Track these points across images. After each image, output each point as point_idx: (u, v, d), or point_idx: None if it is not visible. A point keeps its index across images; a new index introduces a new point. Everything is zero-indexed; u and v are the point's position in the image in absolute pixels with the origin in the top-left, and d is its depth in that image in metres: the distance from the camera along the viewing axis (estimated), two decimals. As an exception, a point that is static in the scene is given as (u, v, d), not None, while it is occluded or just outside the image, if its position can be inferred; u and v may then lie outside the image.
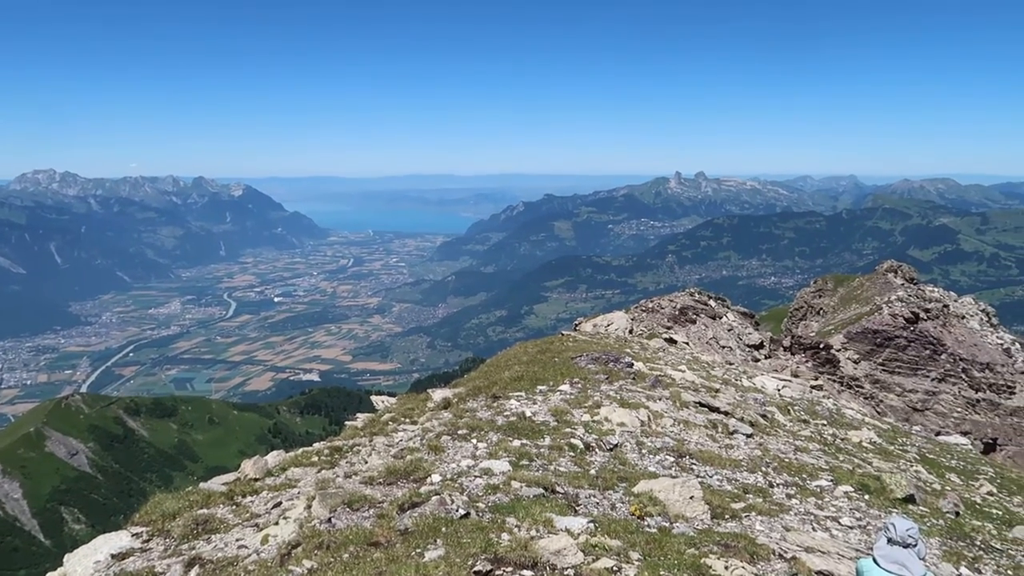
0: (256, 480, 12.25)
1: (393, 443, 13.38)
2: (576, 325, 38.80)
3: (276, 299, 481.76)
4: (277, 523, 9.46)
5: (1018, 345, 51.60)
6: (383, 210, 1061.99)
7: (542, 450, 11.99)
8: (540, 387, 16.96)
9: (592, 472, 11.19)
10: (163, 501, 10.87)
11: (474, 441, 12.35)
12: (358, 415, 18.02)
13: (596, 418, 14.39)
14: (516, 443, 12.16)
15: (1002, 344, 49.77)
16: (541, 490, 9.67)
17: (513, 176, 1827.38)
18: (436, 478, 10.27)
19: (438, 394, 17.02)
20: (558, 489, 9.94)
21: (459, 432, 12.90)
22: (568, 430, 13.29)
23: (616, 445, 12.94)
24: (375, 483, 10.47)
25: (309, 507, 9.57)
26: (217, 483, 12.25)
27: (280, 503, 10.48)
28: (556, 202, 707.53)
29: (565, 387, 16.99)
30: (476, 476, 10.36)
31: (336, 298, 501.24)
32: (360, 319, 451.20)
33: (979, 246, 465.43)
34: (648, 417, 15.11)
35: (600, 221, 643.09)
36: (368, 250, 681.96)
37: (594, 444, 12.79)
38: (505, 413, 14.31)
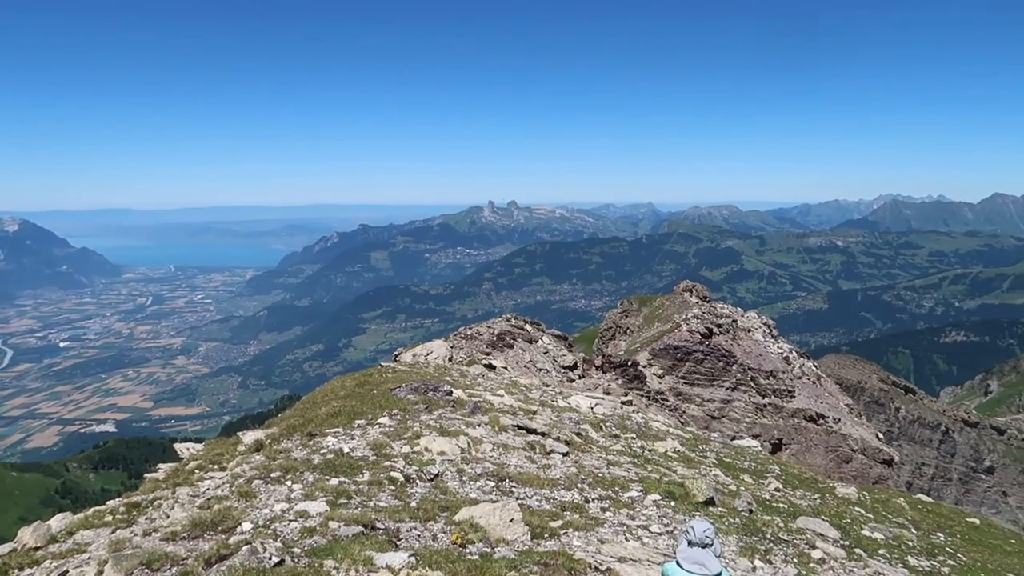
0: (37, 549, 10.90)
1: (199, 493, 12.46)
2: (396, 356, 38.39)
3: (62, 344, 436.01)
4: (61, 595, 8.46)
5: (794, 353, 57.68)
6: (185, 244, 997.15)
7: (361, 486, 11.67)
8: (359, 421, 16.56)
9: (413, 504, 11.05)
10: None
11: (289, 483, 11.79)
12: (160, 466, 16.62)
13: (416, 449, 14.26)
14: (334, 481, 11.76)
15: (782, 353, 55.32)
16: (360, 528, 9.40)
17: (327, 207, 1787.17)
18: (247, 526, 9.67)
19: (249, 436, 16.10)
20: (378, 525, 9.71)
21: (272, 475, 12.26)
22: (388, 463, 13.05)
23: (437, 475, 12.88)
24: (178, 538, 9.68)
25: (101, 572, 8.65)
26: (-14, 558, 10.75)
27: (67, 572, 9.39)
28: (372, 232, 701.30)
29: (384, 419, 16.71)
30: (291, 520, 9.88)
31: (134, 340, 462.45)
32: (162, 361, 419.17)
33: (759, 266, 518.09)
34: (468, 444, 15.20)
35: (417, 250, 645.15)
36: (169, 287, 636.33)
37: (415, 475, 12.65)
38: (322, 451, 13.81)
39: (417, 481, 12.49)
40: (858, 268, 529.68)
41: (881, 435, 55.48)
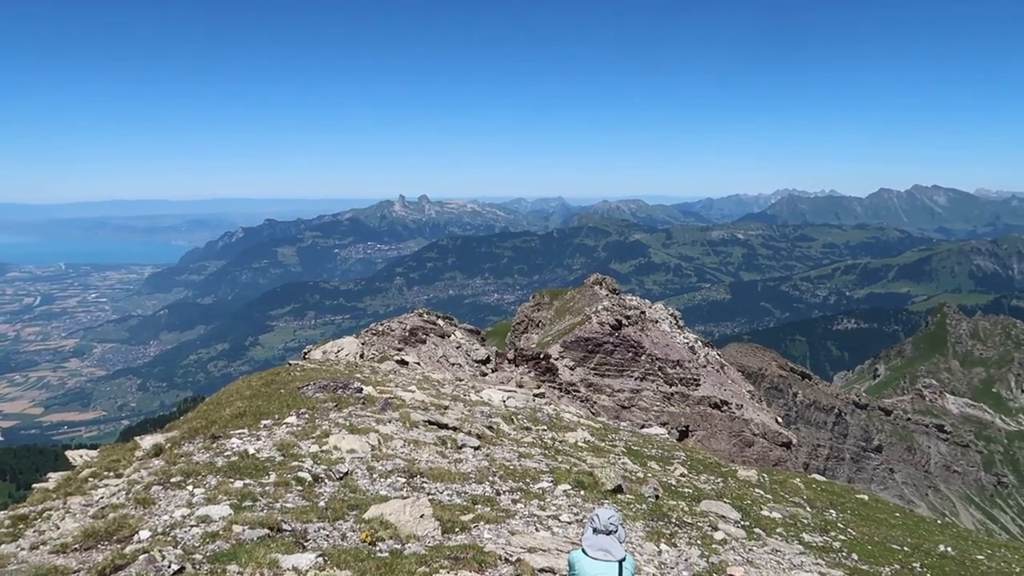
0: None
1: (93, 502, 11.86)
2: (305, 353, 37.56)
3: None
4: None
5: (699, 343, 59.71)
6: (78, 240, 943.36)
7: (267, 488, 11.38)
8: (265, 421, 16.13)
9: (321, 504, 10.86)
10: None
11: (190, 487, 11.38)
12: (50, 475, 15.71)
13: (325, 448, 14.01)
14: (238, 484, 11.42)
15: (688, 343, 57.16)
16: (266, 530, 9.17)
17: (230, 201, 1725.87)
18: (145, 534, 9.28)
19: (148, 440, 15.43)
20: (284, 527, 9.50)
21: (172, 480, 11.80)
22: (295, 463, 12.77)
23: (346, 473, 12.70)
24: (69, 550, 9.20)
25: (-18, 592, 8.14)
26: None
27: (-58, 594, 8.77)
28: (279, 227, 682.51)
29: (292, 419, 16.34)
30: (192, 525, 9.54)
31: (20, 342, 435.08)
32: (53, 364, 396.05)
33: (666, 258, 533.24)
34: (379, 441, 15.05)
35: (326, 246, 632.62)
36: (60, 286, 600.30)
37: (323, 475, 12.43)
38: (226, 453, 13.38)
39: (326, 480, 12.28)
40: (758, 260, 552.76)
41: (780, 419, 58.14)
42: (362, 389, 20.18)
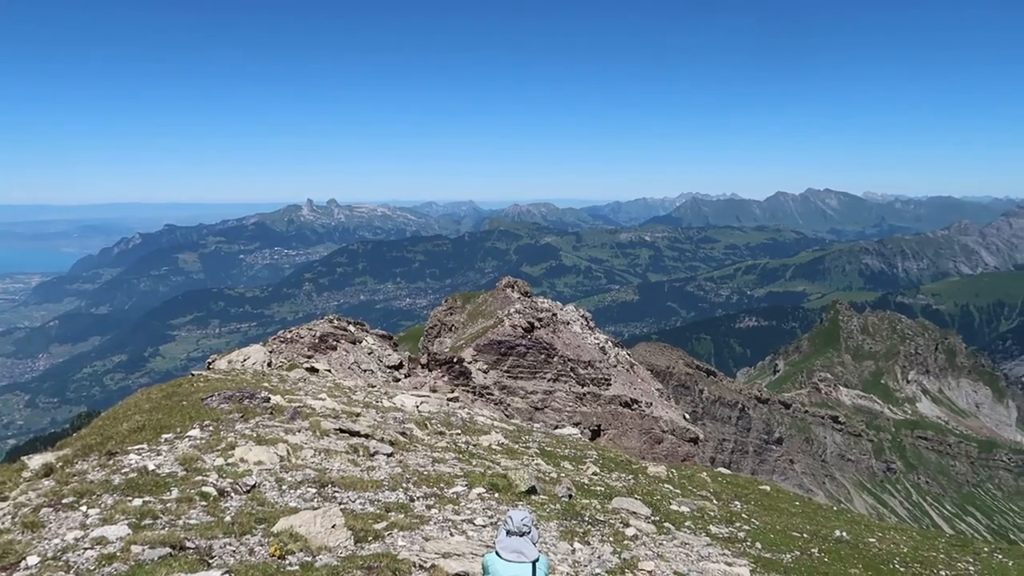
0: None
1: (-26, 528, 11.07)
2: (209, 363, 36.22)
3: None
4: None
5: (610, 343, 60.89)
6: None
7: (169, 505, 10.91)
8: (166, 435, 15.45)
9: (227, 519, 10.48)
10: None
11: (84, 508, 10.77)
12: (-76, 502, 14.59)
13: (231, 460, 13.54)
14: (137, 502, 10.89)
15: (599, 343, 58.20)
16: (168, 549, 8.78)
17: (126, 205, 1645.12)
18: (33, 560, 8.73)
19: (37, 460, 14.52)
20: (188, 544, 9.13)
21: (64, 501, 11.14)
22: (199, 478, 12.28)
23: (254, 486, 12.31)
24: (-53, 582, 8.56)
25: None
26: None
27: None
28: (179, 233, 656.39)
29: (195, 432, 15.71)
30: (86, 548, 9.04)
31: None
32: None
33: (576, 261, 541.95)
34: (288, 451, 14.66)
35: (231, 251, 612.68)
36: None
37: (229, 488, 12.01)
38: (123, 470, 12.74)
39: (232, 494, 11.86)
40: (664, 261, 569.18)
41: (688, 416, 59.96)
42: (270, 399, 19.63)
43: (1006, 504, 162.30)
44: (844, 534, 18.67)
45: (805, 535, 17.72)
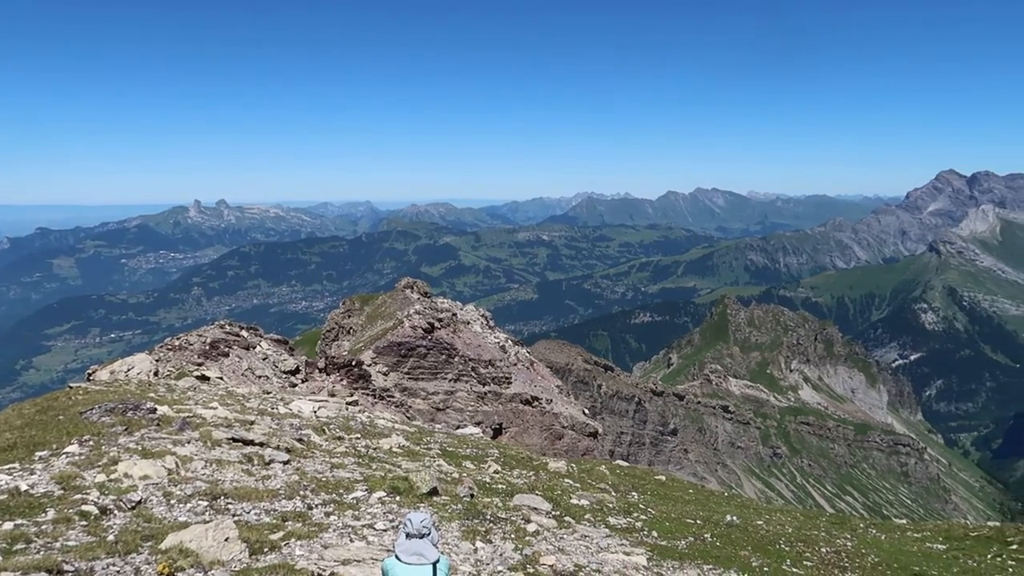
0: None
1: None
2: (90, 374, 34.13)
3: None
4: None
5: (510, 342, 61.39)
6: None
7: (44, 527, 10.22)
8: (40, 453, 14.46)
9: (110, 538, 9.93)
10: None
11: (-54, 536, 9.96)
12: None
13: (113, 476, 12.82)
14: (8, 526, 10.15)
15: (499, 342, 58.58)
16: (44, 574, 8.24)
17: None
18: None
19: None
20: (67, 567, 8.59)
21: (-78, 530, 10.27)
22: (79, 496, 11.57)
23: (139, 502, 11.71)
24: None
25: None
26: None
27: None
28: (53, 236, 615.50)
29: (73, 448, 14.78)
30: (-52, 580, 8.37)
31: None
32: None
33: (475, 260, 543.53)
34: (176, 464, 14.02)
35: (111, 256, 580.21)
36: None
37: (112, 506, 11.37)
38: (-8, 493, 11.85)
39: (115, 512, 11.24)
40: (562, 260, 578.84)
41: (587, 411, 61.24)
42: (156, 409, 18.71)
43: (879, 482, 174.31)
44: (734, 518, 19.53)
45: (699, 521, 18.41)
